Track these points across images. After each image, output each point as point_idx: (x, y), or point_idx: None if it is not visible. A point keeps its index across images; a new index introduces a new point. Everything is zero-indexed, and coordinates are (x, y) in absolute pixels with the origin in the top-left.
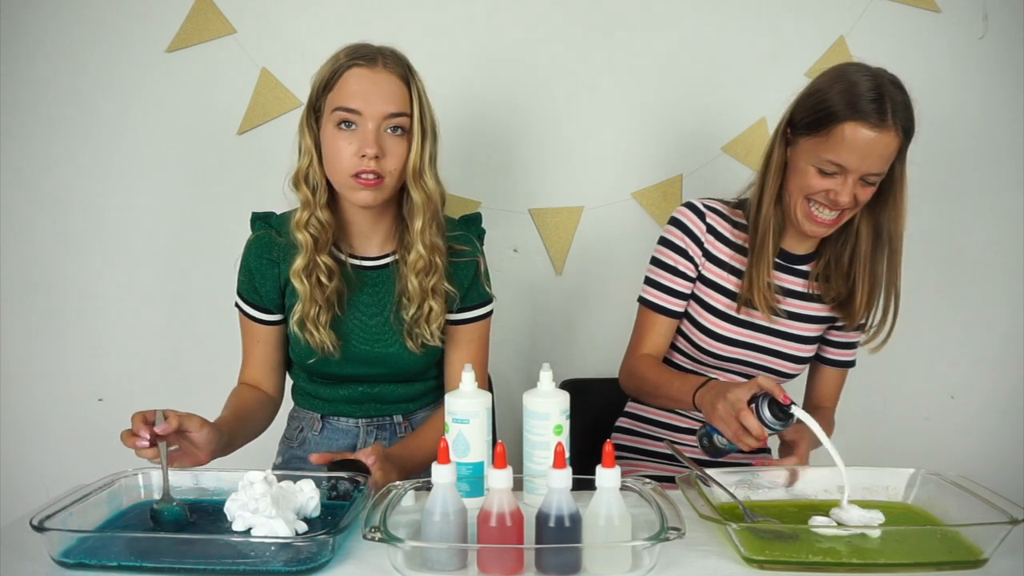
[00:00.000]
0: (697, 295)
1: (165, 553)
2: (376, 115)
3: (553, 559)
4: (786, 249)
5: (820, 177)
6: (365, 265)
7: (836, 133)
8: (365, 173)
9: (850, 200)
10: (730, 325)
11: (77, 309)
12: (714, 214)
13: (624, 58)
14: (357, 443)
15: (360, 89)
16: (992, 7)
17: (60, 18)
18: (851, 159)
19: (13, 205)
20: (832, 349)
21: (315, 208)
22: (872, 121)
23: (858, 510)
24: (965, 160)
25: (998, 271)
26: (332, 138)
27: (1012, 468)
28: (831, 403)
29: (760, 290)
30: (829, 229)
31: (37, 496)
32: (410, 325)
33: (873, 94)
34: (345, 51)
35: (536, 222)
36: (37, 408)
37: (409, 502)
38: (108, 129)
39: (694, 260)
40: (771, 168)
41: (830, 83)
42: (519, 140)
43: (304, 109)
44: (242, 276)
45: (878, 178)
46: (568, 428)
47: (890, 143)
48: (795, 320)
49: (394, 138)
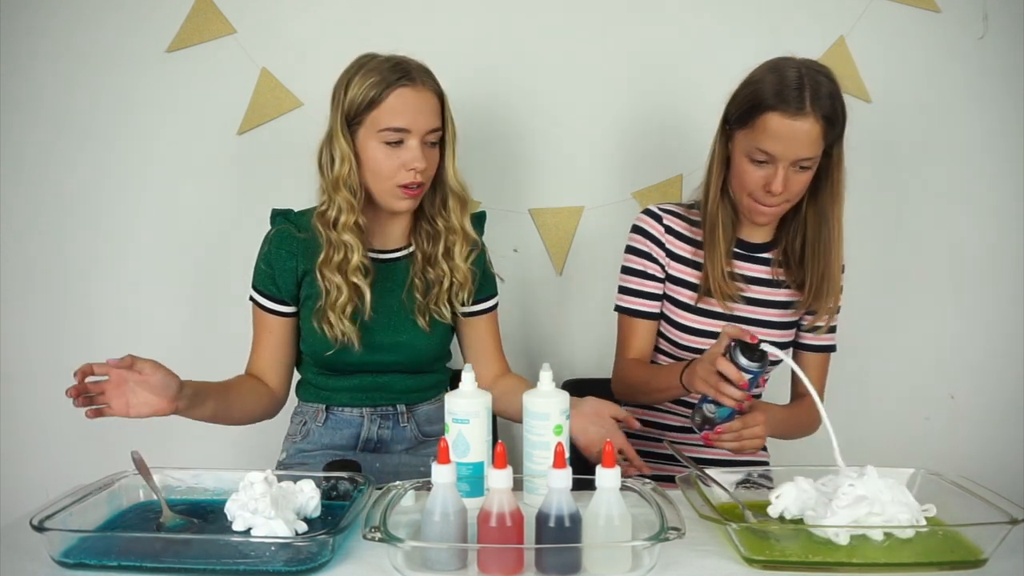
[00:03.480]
0: (668, 294)
1: (165, 553)
2: (421, 131)
3: (553, 559)
4: (745, 239)
5: (754, 167)
6: (382, 258)
7: (760, 123)
8: (412, 184)
9: (785, 187)
10: (701, 317)
11: (77, 309)
12: (670, 216)
13: (624, 58)
14: (361, 432)
15: (407, 109)
16: (992, 7)
17: (60, 18)
18: (776, 147)
19: (13, 205)
20: (807, 335)
21: (357, 212)
22: (791, 109)
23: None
24: (965, 160)
25: (998, 271)
26: (378, 152)
27: (1012, 468)
28: (815, 388)
29: (715, 280)
30: (774, 216)
31: (37, 496)
32: (423, 305)
33: (795, 83)
34: (384, 67)
35: (536, 222)
36: (37, 408)
37: (409, 502)
38: (108, 129)
39: (659, 261)
40: (714, 163)
41: (758, 77)
42: (519, 140)
43: (338, 117)
44: (261, 268)
45: (811, 163)
46: (568, 428)
47: (811, 129)
48: (763, 307)
49: (431, 149)
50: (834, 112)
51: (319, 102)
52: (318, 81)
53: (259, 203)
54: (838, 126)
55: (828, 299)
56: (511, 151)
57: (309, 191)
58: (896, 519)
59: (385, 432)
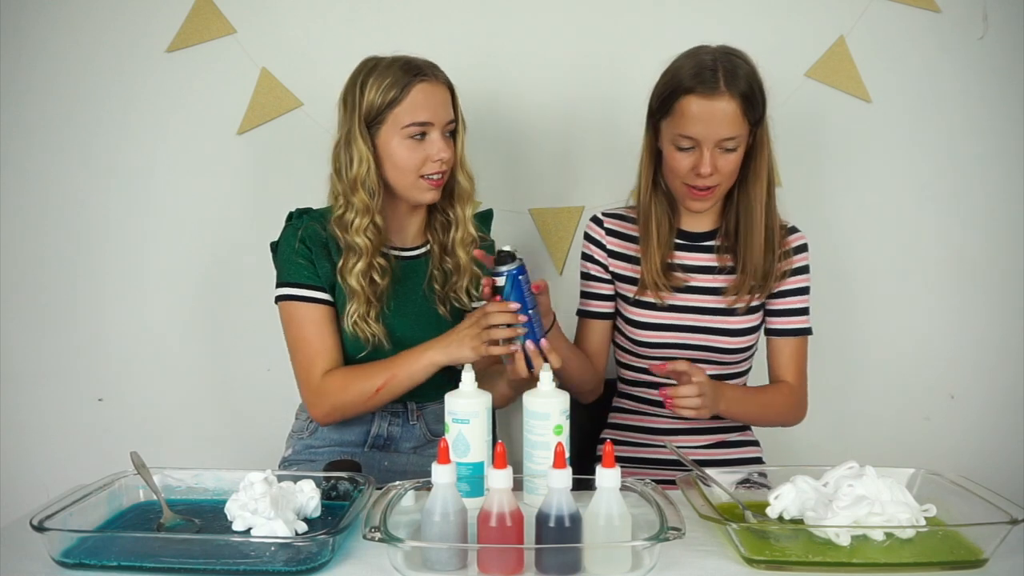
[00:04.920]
0: (618, 292)
1: (165, 553)
2: (442, 123)
3: (553, 559)
4: (687, 229)
5: (682, 154)
6: (404, 256)
7: (678, 108)
8: (437, 174)
9: (715, 169)
10: (643, 310)
11: (77, 309)
12: (611, 218)
13: (623, 57)
14: (371, 429)
15: (428, 103)
16: (992, 7)
17: (60, 18)
18: (697, 129)
19: (12, 205)
20: (774, 319)
21: (373, 213)
22: (706, 90)
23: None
24: (965, 160)
25: (998, 271)
26: (402, 148)
27: (1012, 468)
28: (791, 377)
29: (650, 272)
30: (708, 202)
31: (37, 496)
32: (443, 294)
33: (710, 65)
34: (397, 67)
35: (536, 222)
36: (37, 408)
37: (409, 502)
38: (108, 129)
39: (601, 262)
40: (644, 158)
41: (676, 65)
42: (519, 140)
43: (355, 120)
44: (295, 262)
45: (735, 143)
46: (568, 428)
47: (727, 107)
48: (710, 295)
49: (449, 140)
50: (751, 91)
51: (319, 102)
52: (318, 81)
53: (259, 203)
54: (758, 106)
55: (759, 276)
56: (511, 151)
57: (309, 191)
58: (896, 519)
59: (395, 429)
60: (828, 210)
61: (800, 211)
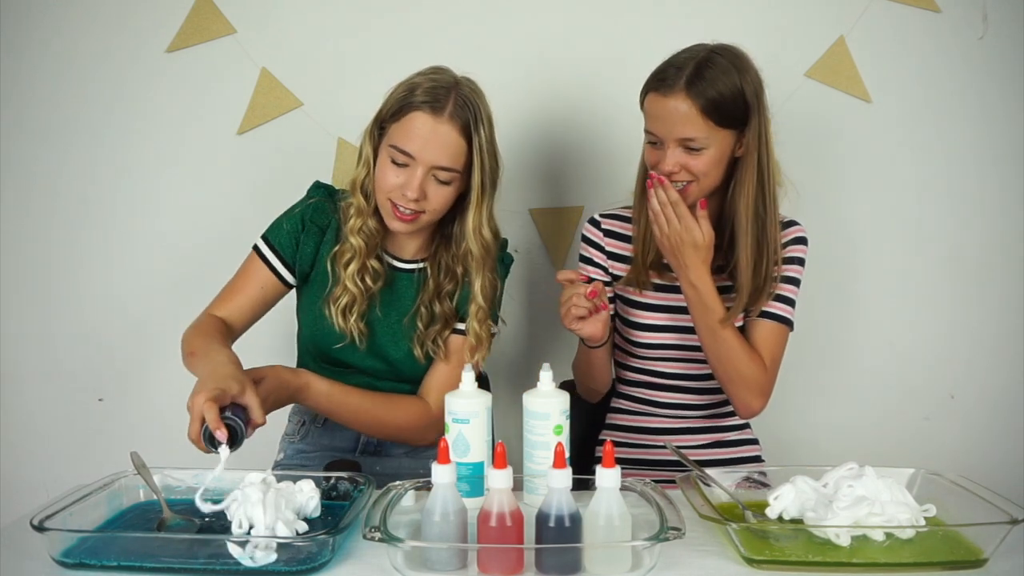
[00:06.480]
0: (617, 294)
1: (165, 553)
2: (427, 163)
3: (553, 559)
4: None
5: (649, 147)
6: (397, 266)
7: (645, 104)
8: (405, 208)
9: (676, 167)
10: (646, 312)
11: (77, 309)
12: (609, 219)
13: (623, 57)
14: (360, 436)
15: (417, 136)
16: (992, 7)
17: (60, 18)
18: (656, 126)
19: (12, 204)
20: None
21: (367, 216)
22: (663, 88)
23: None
24: (965, 160)
25: (998, 271)
26: (384, 164)
27: (1012, 468)
28: (764, 358)
29: (636, 268)
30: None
31: (37, 496)
32: (422, 336)
33: (678, 64)
34: (422, 85)
35: (536, 222)
36: (37, 408)
37: (409, 502)
38: (108, 129)
39: (601, 265)
40: (643, 154)
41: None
42: (519, 140)
43: (375, 119)
44: (286, 226)
45: (698, 143)
46: (568, 428)
47: (680, 106)
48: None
49: (438, 185)
50: (720, 95)
51: (319, 102)
52: (318, 81)
53: (258, 203)
54: (730, 110)
55: (747, 295)
56: (511, 151)
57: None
58: (896, 519)
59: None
60: (828, 210)
61: (799, 211)
